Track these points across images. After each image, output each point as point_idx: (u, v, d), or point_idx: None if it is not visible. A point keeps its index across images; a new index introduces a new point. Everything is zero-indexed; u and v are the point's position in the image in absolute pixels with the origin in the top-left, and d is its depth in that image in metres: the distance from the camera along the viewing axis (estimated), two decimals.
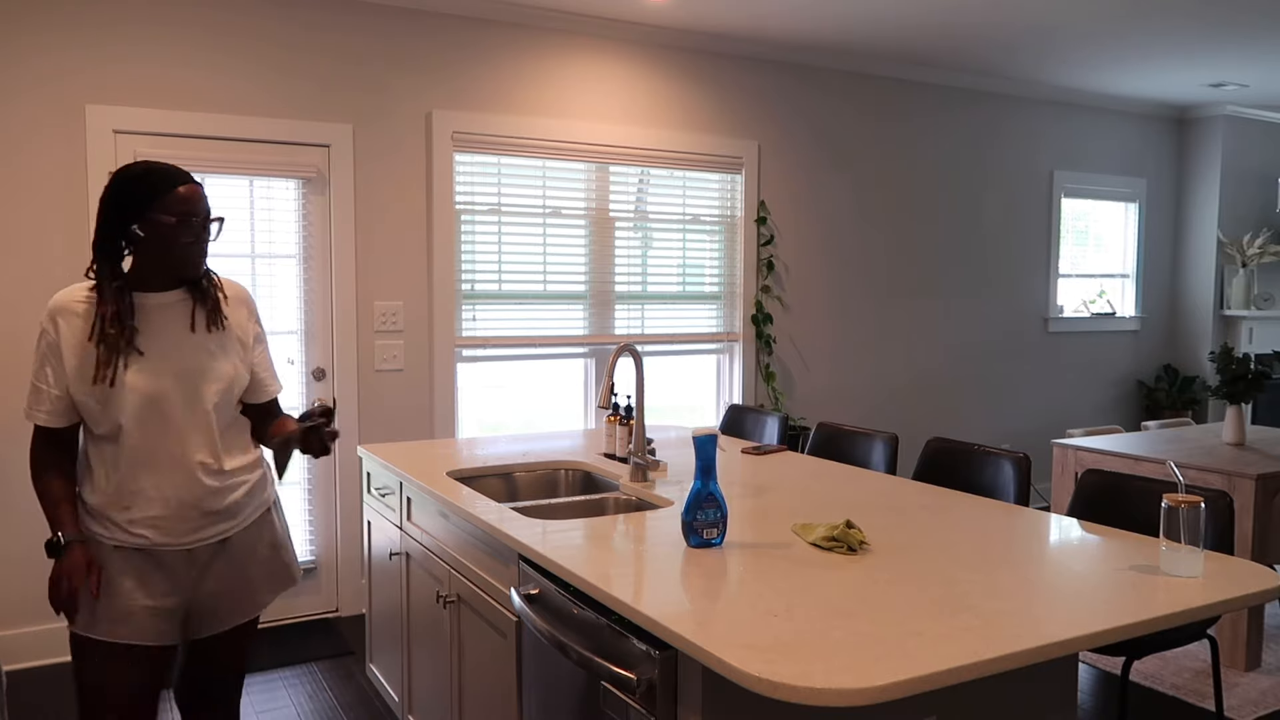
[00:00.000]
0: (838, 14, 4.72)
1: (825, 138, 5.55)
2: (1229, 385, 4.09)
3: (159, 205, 1.97)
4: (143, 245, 2.00)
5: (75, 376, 1.98)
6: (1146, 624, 1.63)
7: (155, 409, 2.01)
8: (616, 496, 2.69)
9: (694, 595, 1.73)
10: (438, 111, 4.42)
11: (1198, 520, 1.84)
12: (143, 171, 2.00)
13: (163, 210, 1.97)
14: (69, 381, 1.99)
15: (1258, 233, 6.95)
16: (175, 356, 2.04)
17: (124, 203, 1.97)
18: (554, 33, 4.70)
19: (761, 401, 5.39)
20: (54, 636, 3.84)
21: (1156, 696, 3.49)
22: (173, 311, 2.07)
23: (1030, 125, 6.35)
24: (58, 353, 1.99)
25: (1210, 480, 3.69)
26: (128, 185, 1.98)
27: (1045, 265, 6.51)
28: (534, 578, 2.08)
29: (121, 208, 1.98)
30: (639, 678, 1.66)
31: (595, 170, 4.86)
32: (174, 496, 2.02)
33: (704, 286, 5.24)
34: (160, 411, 2.01)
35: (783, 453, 3.25)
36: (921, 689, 1.39)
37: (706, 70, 5.14)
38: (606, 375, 2.62)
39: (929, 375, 6.06)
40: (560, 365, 4.92)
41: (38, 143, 3.73)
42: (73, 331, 1.99)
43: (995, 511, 2.38)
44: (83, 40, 3.77)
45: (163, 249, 2.00)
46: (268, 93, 4.10)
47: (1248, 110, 6.85)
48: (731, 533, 2.16)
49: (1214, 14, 4.67)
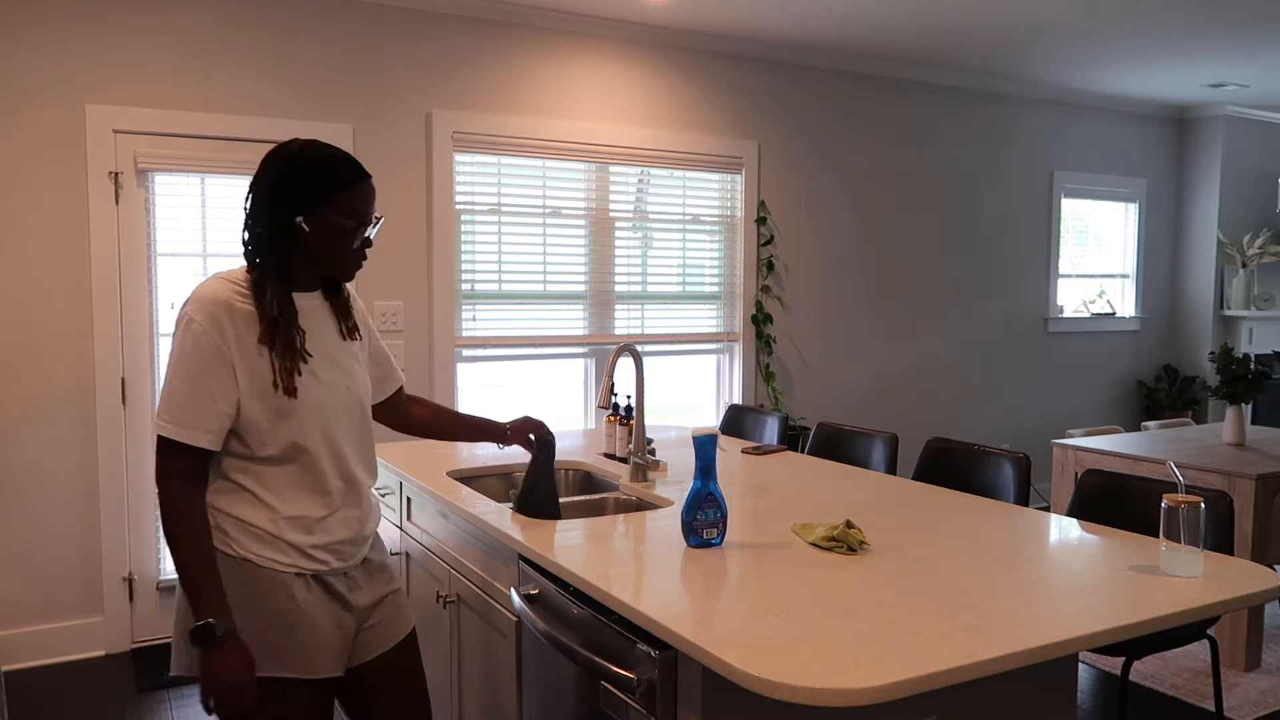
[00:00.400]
0: (838, 14, 4.72)
1: (825, 138, 5.55)
2: (1229, 385, 4.09)
3: (337, 203, 1.74)
4: (303, 241, 1.75)
5: (249, 388, 1.69)
6: (1146, 624, 1.63)
7: (327, 423, 1.79)
8: (616, 496, 2.69)
9: (694, 595, 1.73)
10: (438, 111, 4.42)
11: (1198, 520, 1.84)
12: (321, 159, 1.74)
13: (341, 210, 1.74)
14: (241, 394, 1.69)
15: (1258, 233, 6.95)
16: (333, 365, 1.83)
17: (295, 192, 1.72)
18: (554, 33, 4.70)
19: (761, 401, 5.39)
20: (54, 636, 3.84)
21: (1156, 696, 3.49)
22: (320, 315, 1.85)
23: (1030, 125, 6.35)
24: (225, 359, 1.68)
25: (1210, 480, 3.69)
26: (303, 173, 1.73)
27: (1045, 265, 6.51)
28: (534, 578, 2.08)
29: (292, 197, 1.72)
30: (639, 678, 1.66)
31: (595, 170, 4.86)
32: (353, 517, 1.85)
33: (704, 286, 5.24)
34: (330, 425, 1.80)
35: (783, 453, 3.25)
36: (921, 689, 1.39)
37: (706, 70, 5.14)
38: (606, 375, 2.62)
39: (929, 375, 6.06)
40: (560, 365, 4.92)
41: (38, 143, 3.73)
42: (240, 334, 1.70)
43: (995, 511, 2.38)
44: (83, 40, 3.77)
45: (331, 250, 1.76)
46: (268, 92, 4.10)
47: (1248, 110, 6.85)
48: (731, 533, 2.16)
49: (1214, 14, 4.67)
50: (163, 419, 1.66)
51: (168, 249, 3.97)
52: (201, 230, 4.02)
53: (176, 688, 3.60)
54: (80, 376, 3.83)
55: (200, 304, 1.69)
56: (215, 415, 1.67)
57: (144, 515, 3.97)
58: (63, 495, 3.83)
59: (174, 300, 3.99)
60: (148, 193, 3.91)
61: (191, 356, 1.67)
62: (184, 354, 1.67)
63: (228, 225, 4.06)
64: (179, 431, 1.65)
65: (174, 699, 3.51)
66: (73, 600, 3.87)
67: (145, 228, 3.91)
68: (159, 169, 3.91)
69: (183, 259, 4.00)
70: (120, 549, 3.92)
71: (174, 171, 3.94)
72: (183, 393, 1.66)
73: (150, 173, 3.91)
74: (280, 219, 1.73)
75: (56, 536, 3.83)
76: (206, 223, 4.02)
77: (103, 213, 3.82)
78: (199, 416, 1.66)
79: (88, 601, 3.89)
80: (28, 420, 3.76)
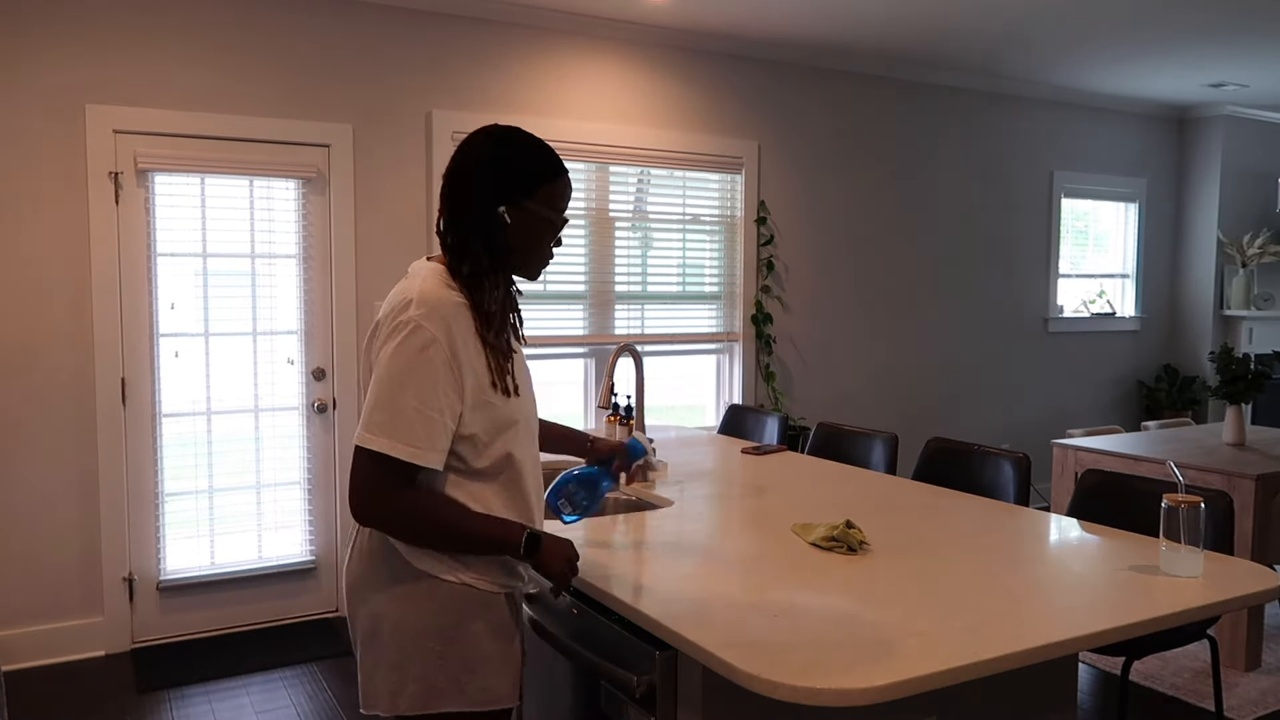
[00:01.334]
0: (838, 14, 4.72)
1: (825, 138, 5.55)
2: (1229, 385, 4.09)
3: (545, 194, 1.63)
4: (501, 233, 1.62)
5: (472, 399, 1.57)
6: (1146, 624, 1.63)
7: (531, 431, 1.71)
8: (616, 496, 2.69)
9: (694, 595, 1.73)
10: (438, 111, 4.42)
11: (1198, 520, 1.84)
12: (532, 145, 1.63)
13: (549, 201, 1.63)
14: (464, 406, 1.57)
15: (1258, 233, 6.95)
16: (523, 370, 1.72)
17: (505, 178, 1.60)
18: (554, 33, 4.70)
19: (761, 401, 5.39)
20: (54, 636, 3.84)
21: (1156, 696, 3.49)
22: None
23: (1030, 125, 6.35)
24: (455, 370, 1.54)
25: (1210, 480, 3.69)
26: (517, 157, 1.61)
27: (1045, 265, 6.51)
28: (534, 578, 2.08)
29: (501, 183, 1.60)
30: (639, 678, 1.66)
31: (595, 170, 4.86)
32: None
33: (704, 286, 5.24)
34: (532, 434, 1.72)
35: (783, 453, 3.25)
36: (921, 689, 1.39)
37: (706, 70, 5.14)
38: (606, 375, 2.62)
39: (929, 375, 6.06)
40: (560, 365, 4.92)
41: (38, 143, 3.72)
42: (465, 342, 1.57)
43: (995, 511, 2.38)
44: (83, 40, 3.77)
45: (528, 244, 1.64)
46: (268, 92, 4.10)
47: (1248, 110, 6.84)
48: (732, 533, 2.16)
49: (1214, 14, 4.67)
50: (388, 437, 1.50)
51: (168, 249, 3.96)
52: (201, 230, 4.01)
53: (176, 688, 3.60)
54: (80, 376, 3.83)
55: (431, 310, 1.54)
56: (444, 433, 1.54)
57: (144, 515, 3.97)
58: (63, 495, 3.83)
59: (173, 300, 3.98)
60: (148, 193, 3.91)
61: (421, 369, 1.51)
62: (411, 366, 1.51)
63: (228, 225, 4.06)
64: (413, 454, 1.50)
65: (174, 699, 3.51)
66: (73, 600, 3.87)
67: (145, 228, 3.91)
68: (159, 169, 3.91)
69: (183, 259, 4.00)
70: (120, 549, 3.92)
71: (174, 171, 3.94)
72: (413, 409, 1.51)
73: (150, 173, 3.91)
74: (486, 206, 1.60)
75: (56, 536, 3.83)
76: (206, 223, 4.02)
77: (103, 213, 3.82)
78: (428, 435, 1.52)
79: (88, 602, 3.89)
80: (28, 420, 3.76)
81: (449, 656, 1.58)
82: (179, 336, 4.02)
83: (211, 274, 4.05)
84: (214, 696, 3.53)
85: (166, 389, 4.01)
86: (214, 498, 4.10)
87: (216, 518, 4.11)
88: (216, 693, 3.56)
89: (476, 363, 1.58)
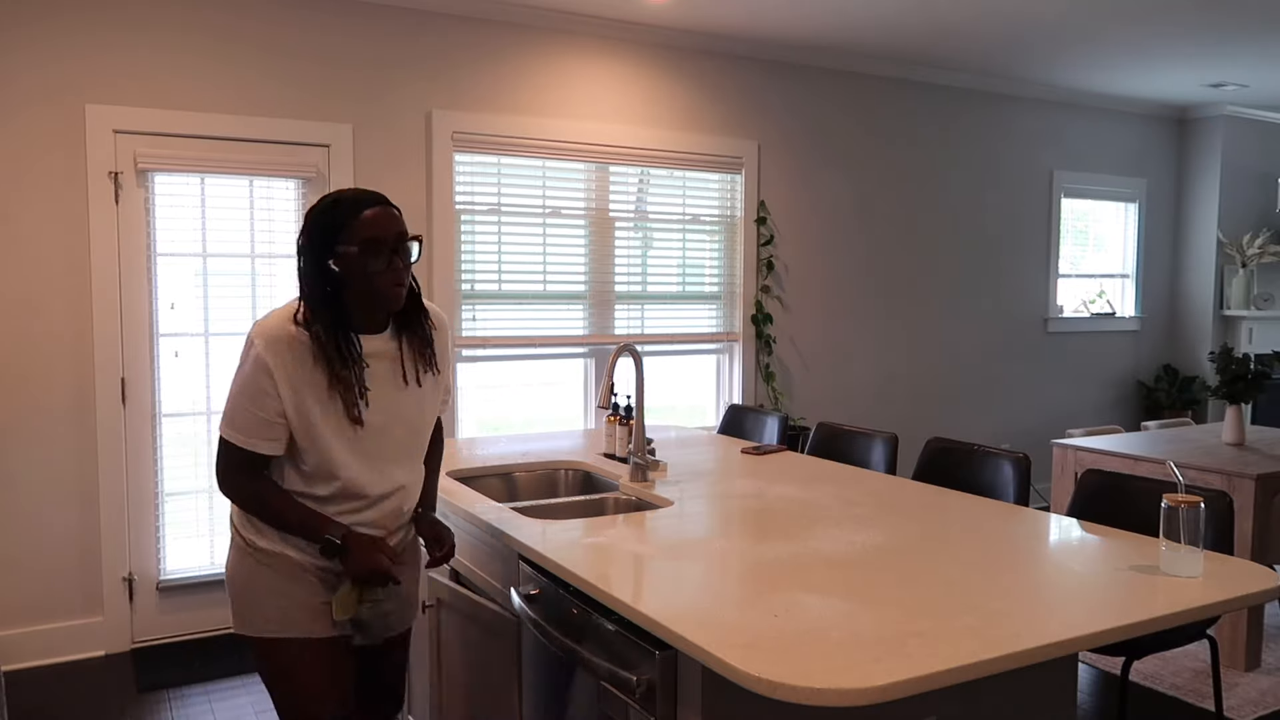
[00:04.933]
0: (838, 13, 4.72)
1: (825, 137, 5.55)
2: (1229, 385, 4.09)
3: (344, 235, 1.87)
4: (344, 282, 1.89)
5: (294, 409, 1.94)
6: (1146, 624, 1.63)
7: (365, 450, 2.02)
8: (616, 496, 2.69)
9: (694, 595, 1.73)
10: (438, 111, 4.42)
11: (1197, 520, 1.84)
12: (328, 204, 1.91)
13: (348, 240, 1.87)
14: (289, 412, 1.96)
15: (1258, 233, 6.95)
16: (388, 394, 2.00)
17: (316, 241, 1.89)
18: (554, 33, 4.70)
19: (761, 401, 5.39)
20: (54, 637, 3.84)
21: (1156, 696, 3.49)
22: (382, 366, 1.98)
23: (1030, 125, 6.35)
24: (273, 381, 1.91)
25: (1210, 480, 3.69)
26: (316, 221, 1.90)
27: (1045, 265, 6.51)
28: (534, 578, 2.08)
29: (315, 247, 1.89)
30: (639, 678, 1.66)
31: (595, 170, 4.86)
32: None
33: (704, 286, 5.24)
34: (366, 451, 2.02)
35: (783, 453, 3.25)
36: (921, 689, 1.39)
37: (706, 70, 5.14)
38: (606, 375, 2.62)
39: (929, 375, 6.06)
40: (560, 365, 4.92)
41: (38, 143, 3.72)
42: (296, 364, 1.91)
43: (995, 511, 2.38)
44: (83, 40, 3.77)
45: (359, 282, 1.89)
46: (268, 93, 4.10)
47: (1248, 110, 6.85)
48: (732, 532, 2.16)
49: (1214, 14, 4.67)
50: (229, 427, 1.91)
51: (167, 249, 3.96)
52: (201, 230, 4.01)
53: (176, 688, 3.60)
54: (80, 376, 3.83)
55: (265, 337, 1.91)
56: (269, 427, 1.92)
57: (144, 515, 3.97)
58: (62, 495, 3.83)
59: (173, 300, 3.99)
60: (147, 193, 3.91)
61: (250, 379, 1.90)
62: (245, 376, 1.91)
63: (227, 225, 4.06)
64: (244, 441, 1.92)
65: (174, 699, 3.51)
66: (72, 600, 3.87)
67: (145, 228, 3.91)
68: (159, 169, 3.91)
69: (182, 259, 4.00)
70: (120, 549, 3.92)
71: (174, 171, 3.94)
72: (245, 408, 1.92)
73: (150, 173, 3.91)
74: (318, 269, 1.89)
75: (56, 537, 3.83)
76: (206, 223, 4.02)
77: (103, 213, 3.82)
78: (257, 428, 1.92)
79: (87, 602, 3.89)
80: (28, 420, 3.76)
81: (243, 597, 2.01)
82: (179, 336, 4.02)
83: (211, 274, 4.05)
84: (214, 696, 3.53)
85: (166, 389, 4.01)
86: (214, 498, 4.10)
87: (216, 518, 4.11)
88: (216, 693, 3.56)
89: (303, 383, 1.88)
